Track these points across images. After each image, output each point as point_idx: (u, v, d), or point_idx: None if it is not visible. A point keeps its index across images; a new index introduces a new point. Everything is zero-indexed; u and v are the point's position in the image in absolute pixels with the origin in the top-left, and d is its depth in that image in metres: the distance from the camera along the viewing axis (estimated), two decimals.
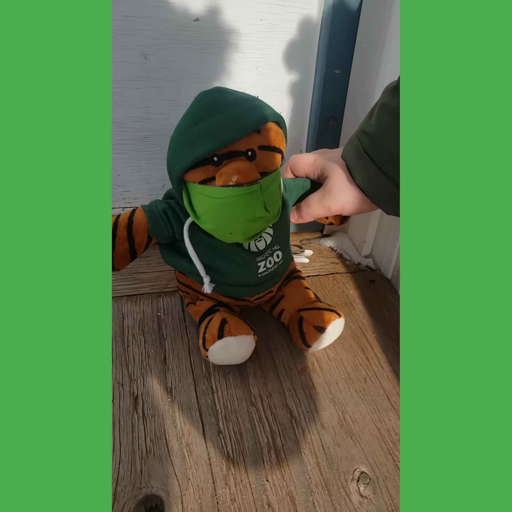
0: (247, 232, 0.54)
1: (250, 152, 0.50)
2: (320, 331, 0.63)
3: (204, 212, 0.53)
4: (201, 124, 0.48)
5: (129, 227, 0.56)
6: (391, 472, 0.54)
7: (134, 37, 0.69)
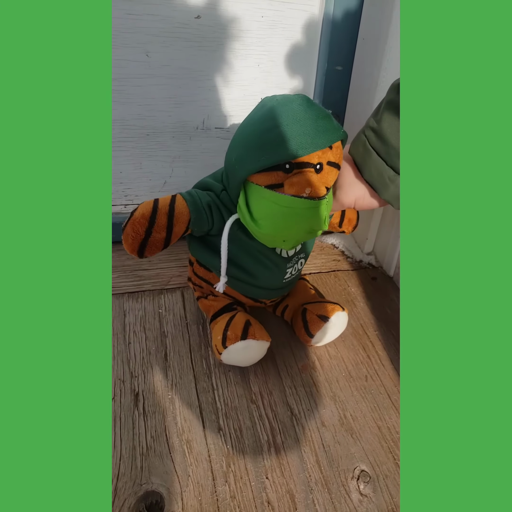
0: (299, 242, 0.55)
1: (319, 165, 0.50)
2: (324, 320, 0.64)
3: (265, 217, 0.52)
4: (282, 129, 0.48)
5: (170, 215, 0.54)
6: (391, 470, 0.54)
7: (136, 35, 0.69)
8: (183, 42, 0.72)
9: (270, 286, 0.63)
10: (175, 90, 0.76)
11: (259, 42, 0.74)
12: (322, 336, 0.65)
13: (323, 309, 0.65)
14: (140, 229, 0.52)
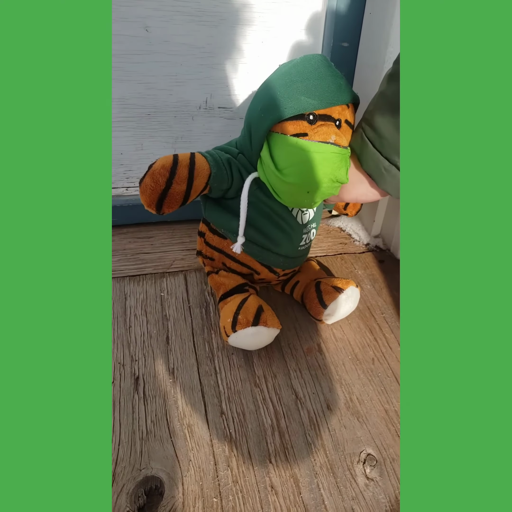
0: (322, 195, 0.55)
1: (338, 121, 0.53)
2: (338, 290, 0.63)
3: (291, 165, 0.52)
4: (308, 82, 0.51)
5: (191, 167, 0.53)
6: (398, 454, 0.53)
7: (134, 8, 0.67)
8: (184, 17, 0.69)
9: (286, 253, 0.63)
10: (176, 67, 0.74)
11: (262, 18, 0.72)
12: (335, 308, 0.64)
13: (338, 282, 0.65)
14: (160, 179, 0.51)
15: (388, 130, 0.50)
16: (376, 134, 0.52)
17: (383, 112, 0.51)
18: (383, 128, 0.51)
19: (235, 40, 0.73)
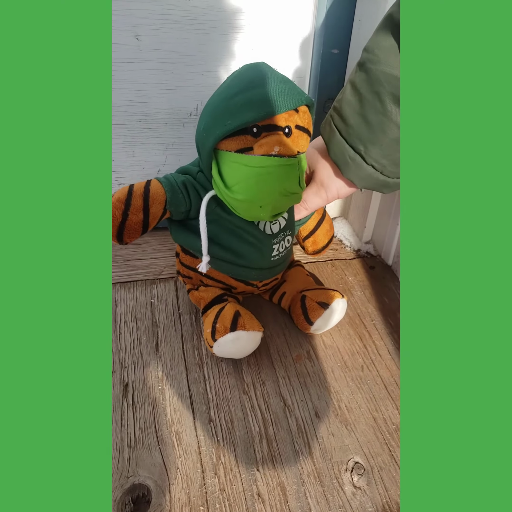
0: (276, 208, 0.53)
1: (287, 129, 0.50)
2: (324, 306, 0.63)
3: (238, 182, 0.51)
4: (246, 94, 0.49)
5: (145, 196, 0.53)
6: (386, 462, 0.53)
7: (125, 17, 0.67)
8: (174, 25, 0.70)
9: (258, 265, 0.61)
10: (167, 75, 0.74)
11: (252, 25, 0.72)
12: (322, 323, 0.63)
13: (323, 296, 0.64)
14: (116, 213, 0.52)
15: (354, 119, 0.50)
16: (343, 123, 0.52)
17: (350, 101, 0.50)
18: (350, 117, 0.51)
19: (225, 47, 0.74)
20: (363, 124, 0.50)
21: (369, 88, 0.48)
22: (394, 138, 0.49)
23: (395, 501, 0.49)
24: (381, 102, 0.47)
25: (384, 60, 0.46)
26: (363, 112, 0.49)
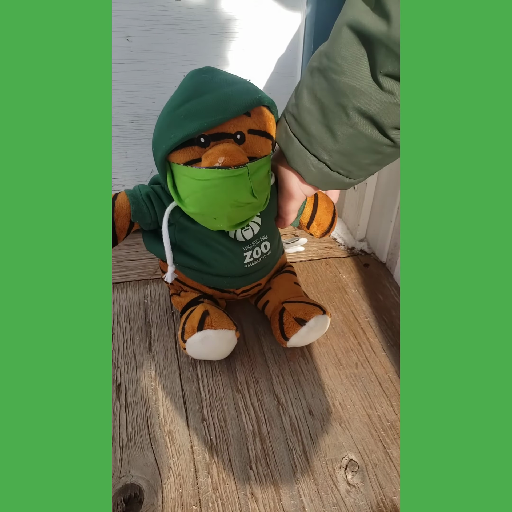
0: (233, 219, 0.52)
1: (239, 135, 0.48)
2: (300, 323, 0.59)
3: (188, 195, 0.50)
4: (188, 104, 0.46)
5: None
6: (380, 459, 0.52)
7: (115, 18, 0.68)
8: (164, 26, 0.70)
9: (229, 273, 0.59)
10: (158, 75, 0.74)
11: (243, 25, 0.72)
12: (298, 340, 0.60)
13: (302, 311, 0.60)
14: None
15: (317, 129, 0.47)
16: (303, 131, 0.48)
17: (310, 110, 0.46)
18: (311, 126, 0.47)
19: (216, 47, 0.74)
20: (328, 134, 0.47)
21: (332, 100, 0.44)
22: (362, 147, 0.47)
23: (390, 498, 0.49)
24: (347, 115, 0.44)
25: (349, 72, 0.42)
26: (327, 123, 0.46)
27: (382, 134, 0.45)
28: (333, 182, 0.52)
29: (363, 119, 0.44)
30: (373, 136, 0.45)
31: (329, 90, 0.44)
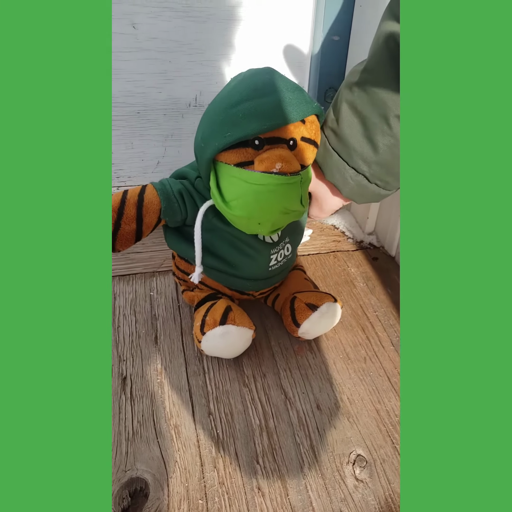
0: (276, 225, 0.51)
1: (292, 141, 0.47)
2: (312, 308, 0.59)
3: (236, 197, 0.48)
4: (248, 103, 0.45)
5: (139, 205, 0.51)
6: (389, 455, 0.51)
7: (120, 5, 0.66)
8: (171, 13, 0.69)
9: (255, 276, 0.59)
10: (165, 64, 0.73)
11: (250, 12, 0.71)
12: (309, 326, 0.60)
13: (313, 298, 0.61)
14: None
15: (358, 141, 0.48)
16: (342, 144, 0.49)
17: (351, 123, 0.48)
18: (352, 139, 0.48)
19: (223, 35, 0.72)
20: (368, 145, 0.48)
21: (374, 110, 0.46)
22: (399, 156, 0.48)
23: (398, 493, 0.48)
24: (388, 125, 0.46)
25: (386, 82, 0.44)
26: (369, 134, 0.47)
27: None
28: (369, 195, 0.53)
29: None
30: None
31: (370, 101, 0.46)
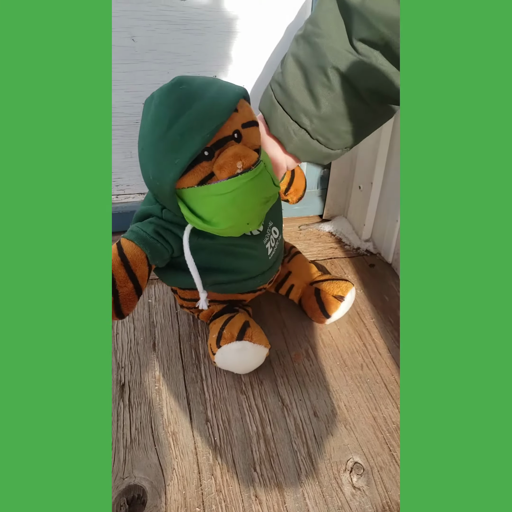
0: (262, 216, 0.52)
1: (236, 133, 0.46)
2: (340, 299, 0.64)
3: (215, 214, 0.48)
4: (180, 121, 0.43)
5: (125, 264, 0.49)
6: (386, 462, 0.52)
7: (120, 18, 0.67)
8: (169, 25, 0.70)
9: (260, 270, 0.59)
10: (163, 75, 0.74)
11: (247, 24, 0.72)
12: (338, 315, 0.66)
13: (337, 289, 0.65)
14: None
15: (300, 93, 0.49)
16: (286, 97, 0.50)
17: (295, 74, 0.49)
18: (295, 91, 0.49)
19: (220, 47, 0.73)
20: (309, 97, 0.49)
21: (314, 62, 0.48)
22: (339, 112, 0.49)
23: (396, 501, 0.48)
24: (326, 76, 0.47)
25: (328, 34, 0.46)
26: (310, 86, 0.48)
27: (358, 98, 0.49)
28: (312, 151, 0.54)
29: (341, 80, 0.48)
30: (350, 99, 0.49)
31: (312, 53, 0.48)
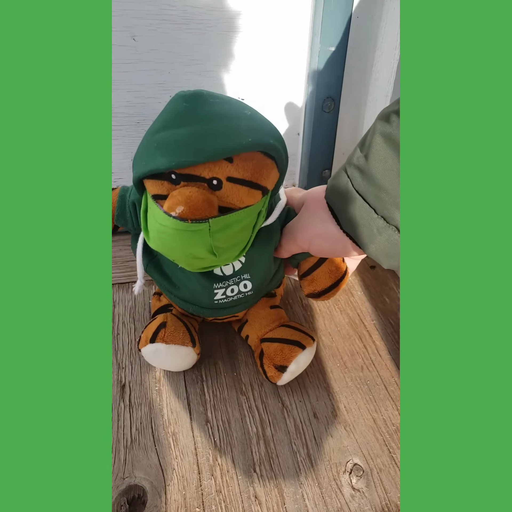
0: (192, 266, 0.47)
1: (215, 181, 0.41)
2: (281, 370, 0.56)
3: (151, 229, 0.45)
4: (162, 134, 0.41)
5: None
6: (386, 464, 0.52)
7: (121, 18, 0.67)
8: (170, 25, 0.69)
9: (197, 302, 0.56)
10: (164, 75, 0.74)
11: (249, 24, 0.72)
12: (283, 381, 0.57)
13: (280, 356, 0.56)
14: None
15: (390, 180, 0.38)
16: (370, 185, 0.39)
17: (385, 157, 0.38)
18: (384, 178, 0.38)
19: (222, 47, 0.73)
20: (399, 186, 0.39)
21: None
22: None
23: (395, 503, 0.48)
24: None
25: None
26: None
27: None
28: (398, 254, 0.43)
29: None
30: None
31: None
